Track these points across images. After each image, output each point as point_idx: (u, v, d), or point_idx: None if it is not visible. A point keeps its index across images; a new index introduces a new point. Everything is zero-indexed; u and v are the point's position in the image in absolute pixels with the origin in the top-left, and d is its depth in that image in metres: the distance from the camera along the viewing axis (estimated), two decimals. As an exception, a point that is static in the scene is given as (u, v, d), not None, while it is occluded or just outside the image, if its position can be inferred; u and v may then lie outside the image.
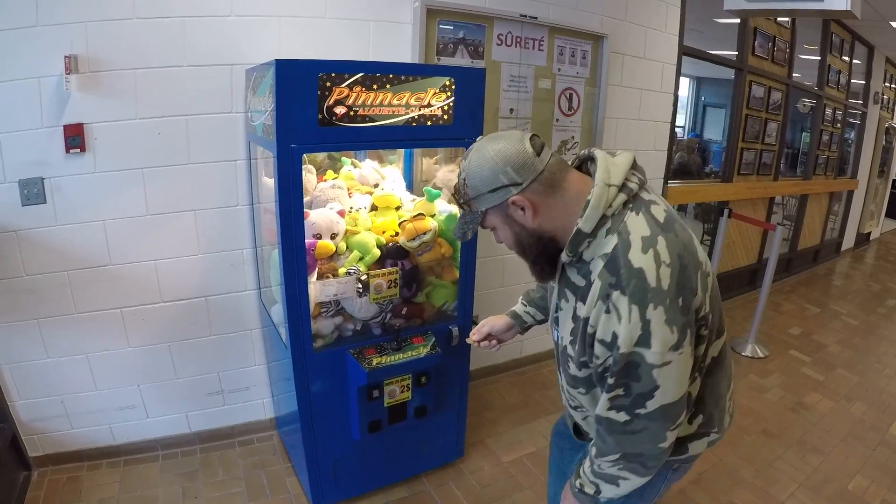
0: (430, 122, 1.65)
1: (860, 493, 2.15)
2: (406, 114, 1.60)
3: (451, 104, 1.66)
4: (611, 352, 0.88)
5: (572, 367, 1.02)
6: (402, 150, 2.20)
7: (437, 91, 1.63)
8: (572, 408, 1.16)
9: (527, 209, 0.93)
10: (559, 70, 2.66)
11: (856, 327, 4.06)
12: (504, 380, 2.92)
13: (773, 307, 4.33)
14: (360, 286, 1.71)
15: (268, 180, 1.84)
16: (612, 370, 0.89)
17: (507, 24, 2.42)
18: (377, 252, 1.75)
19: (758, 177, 4.39)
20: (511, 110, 2.56)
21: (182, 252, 2.03)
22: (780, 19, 4.08)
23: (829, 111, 5.24)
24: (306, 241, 1.59)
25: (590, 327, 0.91)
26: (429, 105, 1.62)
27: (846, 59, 5.23)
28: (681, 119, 7.18)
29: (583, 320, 0.93)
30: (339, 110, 1.49)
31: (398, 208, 1.93)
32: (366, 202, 1.90)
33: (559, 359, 1.09)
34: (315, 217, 1.68)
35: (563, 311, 1.02)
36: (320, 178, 1.97)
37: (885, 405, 2.87)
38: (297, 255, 1.56)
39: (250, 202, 2.07)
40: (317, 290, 1.66)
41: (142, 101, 1.83)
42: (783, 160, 4.78)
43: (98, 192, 1.85)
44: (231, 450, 2.24)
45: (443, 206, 1.91)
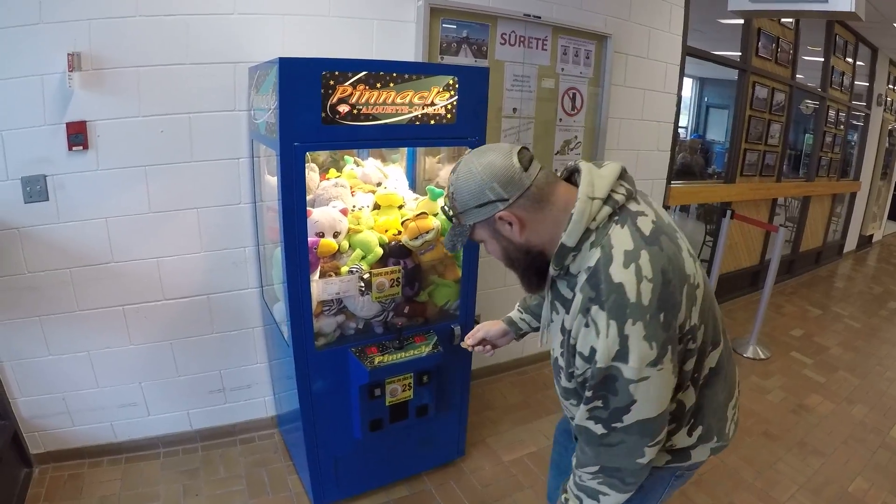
0: (433, 121, 1.64)
1: (860, 496, 2.15)
2: (409, 112, 1.60)
3: (455, 103, 1.66)
4: (589, 365, 0.88)
5: (563, 379, 1.02)
6: (405, 149, 2.20)
7: (441, 90, 1.62)
8: (569, 418, 1.17)
9: (514, 224, 0.93)
10: (563, 70, 2.65)
11: (857, 330, 4.05)
12: (505, 379, 2.92)
13: (775, 309, 4.32)
14: (362, 285, 1.71)
15: (270, 178, 1.84)
16: (589, 383, 0.90)
17: (511, 24, 2.42)
18: (379, 251, 1.75)
19: (761, 178, 4.38)
20: (514, 110, 2.56)
21: (184, 250, 2.03)
22: (784, 20, 4.07)
23: (832, 113, 5.22)
24: (309, 239, 1.59)
25: (571, 339, 0.92)
26: (432, 104, 1.62)
27: (850, 60, 5.21)
28: (684, 120, 7.17)
29: (567, 332, 0.94)
30: (343, 109, 1.49)
31: (401, 207, 1.92)
32: (368, 201, 1.90)
33: (553, 370, 1.09)
34: (318, 215, 1.68)
35: (554, 324, 1.03)
36: (323, 176, 1.97)
37: (886, 408, 2.86)
38: (299, 254, 1.56)
39: (253, 200, 2.07)
40: (319, 288, 1.66)
41: (145, 98, 1.83)
42: (786, 162, 4.77)
43: (101, 189, 1.85)
44: (232, 448, 2.25)
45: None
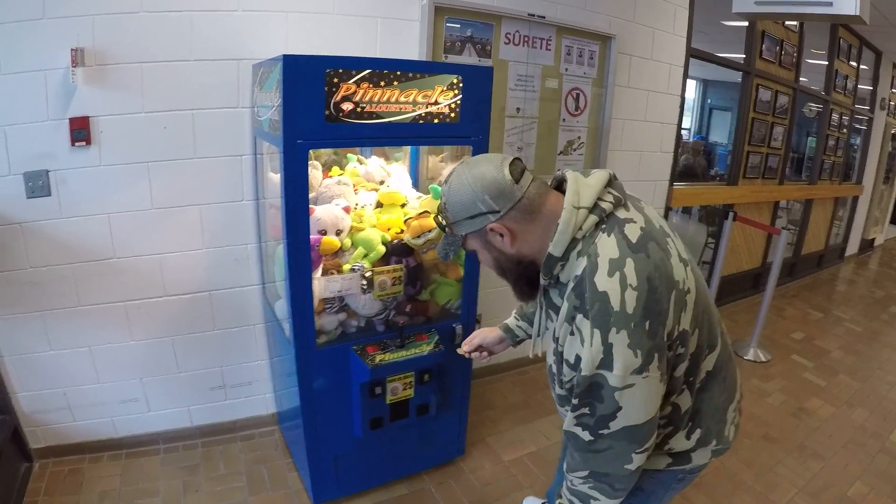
0: (436, 120, 1.64)
1: (859, 500, 2.14)
2: (413, 111, 1.59)
3: (459, 102, 1.66)
4: (575, 372, 0.89)
5: (557, 387, 1.02)
6: (408, 148, 2.19)
7: (445, 89, 1.62)
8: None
9: (505, 236, 0.94)
10: (566, 70, 2.65)
11: (859, 333, 4.05)
12: (506, 379, 2.92)
13: (776, 311, 4.31)
14: (364, 283, 1.71)
15: (273, 176, 1.84)
16: (576, 391, 0.90)
17: (515, 23, 2.42)
18: (382, 249, 1.75)
19: (763, 180, 4.37)
20: (518, 109, 2.56)
21: (186, 246, 2.03)
22: (788, 23, 4.06)
23: (835, 116, 5.21)
24: (311, 236, 1.59)
25: (559, 346, 0.93)
26: (436, 102, 1.62)
27: (854, 64, 5.20)
28: (686, 121, 7.17)
29: (556, 340, 0.95)
30: (347, 106, 1.49)
31: (403, 205, 1.92)
32: (371, 199, 1.90)
33: (549, 377, 1.10)
34: (320, 213, 1.68)
35: (548, 332, 1.04)
36: (325, 174, 1.97)
37: (886, 412, 2.86)
38: (301, 251, 1.56)
39: (255, 197, 2.07)
40: (321, 286, 1.66)
41: (148, 94, 1.83)
42: (789, 164, 4.77)
43: (103, 185, 1.85)
44: (233, 444, 2.25)
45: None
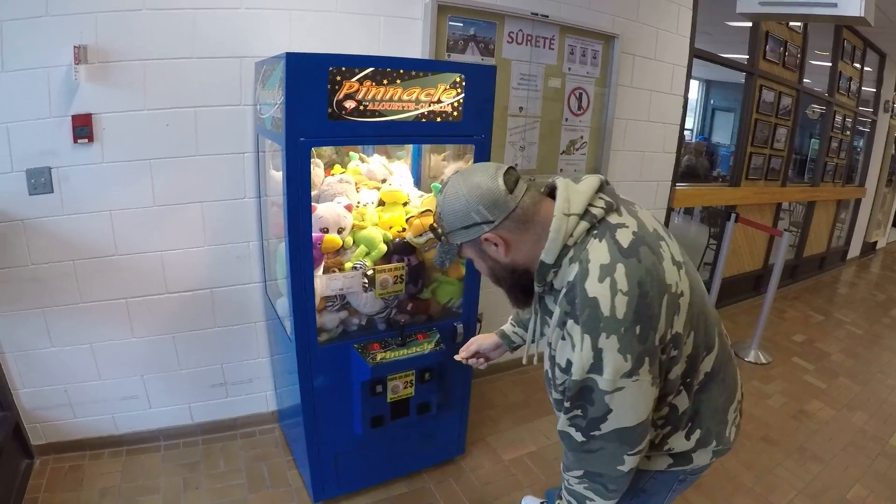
0: (439, 118, 1.64)
1: (858, 503, 2.14)
2: (416, 109, 1.59)
3: (462, 101, 1.65)
4: (567, 376, 0.91)
5: (553, 392, 1.03)
6: (410, 146, 2.19)
7: (448, 87, 1.62)
8: None
9: (499, 245, 0.94)
10: (569, 69, 2.65)
11: (860, 336, 4.04)
12: (506, 378, 2.92)
13: (778, 313, 4.30)
14: (365, 281, 1.71)
15: (275, 173, 1.84)
16: (567, 394, 0.92)
17: (518, 22, 2.41)
18: (384, 247, 1.75)
19: (766, 182, 4.36)
20: (520, 108, 2.55)
21: (188, 244, 2.03)
22: (792, 24, 4.05)
23: (838, 118, 5.20)
24: (313, 234, 1.59)
25: (552, 351, 0.96)
26: (439, 101, 1.62)
27: (858, 66, 5.18)
28: (689, 122, 7.16)
29: (549, 345, 0.98)
30: (349, 104, 1.49)
31: (406, 204, 1.92)
32: (373, 197, 1.90)
33: (546, 382, 1.11)
34: (322, 211, 1.68)
35: (544, 338, 1.06)
36: (328, 172, 1.97)
37: (886, 415, 2.85)
38: (303, 249, 1.56)
39: (257, 195, 2.07)
40: (322, 283, 1.66)
41: (150, 92, 1.83)
42: (791, 166, 4.75)
43: (105, 182, 1.85)
44: (233, 442, 2.25)
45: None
